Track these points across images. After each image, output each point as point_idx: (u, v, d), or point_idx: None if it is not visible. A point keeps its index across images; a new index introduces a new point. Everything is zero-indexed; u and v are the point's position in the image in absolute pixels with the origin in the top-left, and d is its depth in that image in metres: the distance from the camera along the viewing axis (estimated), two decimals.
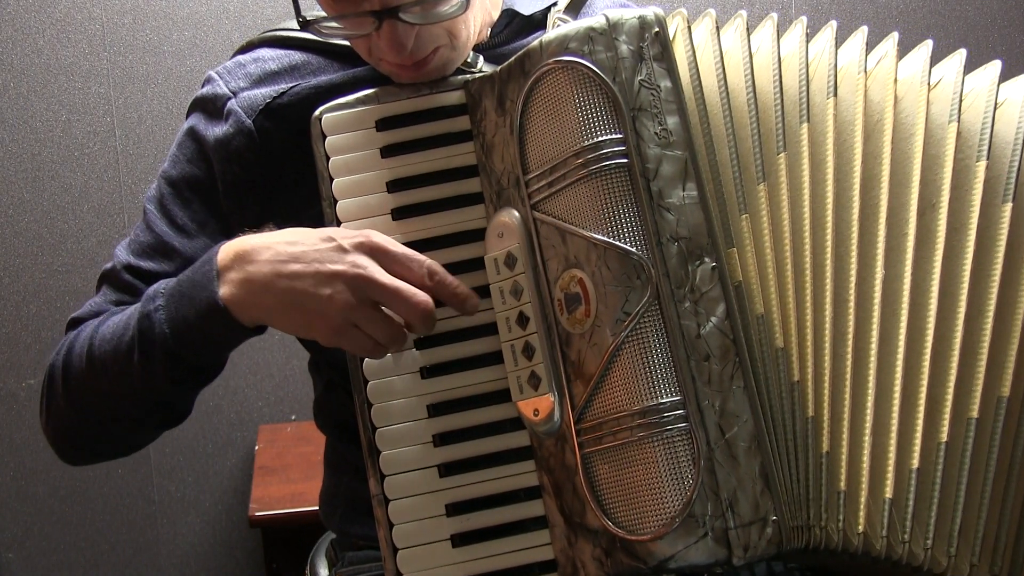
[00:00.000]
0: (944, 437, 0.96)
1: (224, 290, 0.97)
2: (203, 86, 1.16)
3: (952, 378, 0.96)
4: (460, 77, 1.06)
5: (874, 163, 0.98)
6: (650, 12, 0.97)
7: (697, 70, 0.98)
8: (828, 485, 0.95)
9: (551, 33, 0.97)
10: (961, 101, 0.99)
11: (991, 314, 0.97)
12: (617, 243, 0.92)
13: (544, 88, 0.97)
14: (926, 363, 0.96)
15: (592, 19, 0.96)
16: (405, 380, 1.01)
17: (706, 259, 0.94)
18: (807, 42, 1.02)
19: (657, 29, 0.96)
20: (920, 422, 0.96)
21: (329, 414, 1.28)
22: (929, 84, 0.99)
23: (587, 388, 0.93)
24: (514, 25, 1.17)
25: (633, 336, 0.92)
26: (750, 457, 0.92)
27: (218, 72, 1.15)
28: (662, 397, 0.91)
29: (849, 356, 0.96)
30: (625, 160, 0.93)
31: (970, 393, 0.97)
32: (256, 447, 2.26)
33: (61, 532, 2.34)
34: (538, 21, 1.17)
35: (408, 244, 1.02)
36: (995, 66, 1.01)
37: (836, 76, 1.00)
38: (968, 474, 0.96)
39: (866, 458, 0.95)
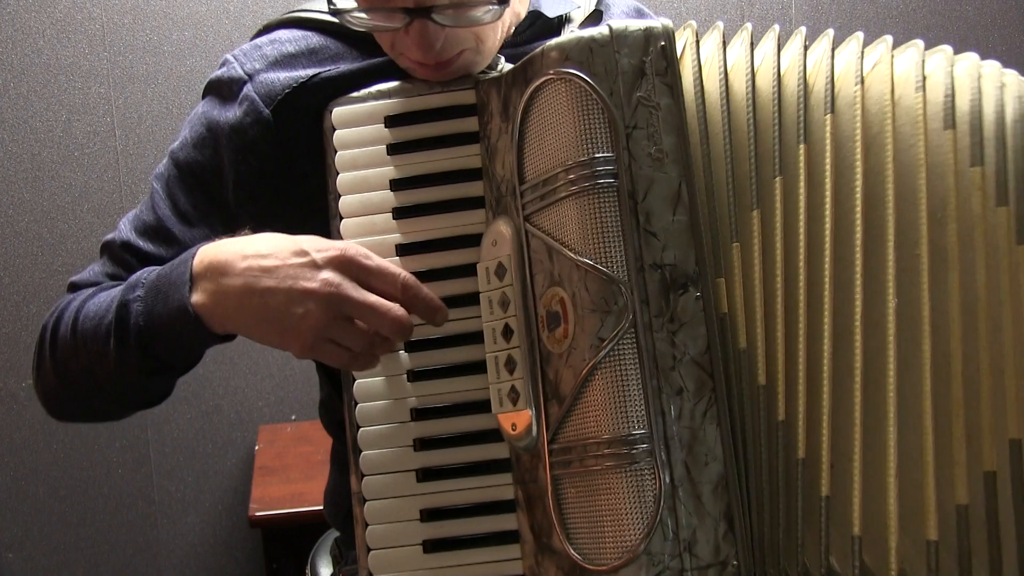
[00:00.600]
0: (992, 466, 0.90)
1: (196, 298, 0.97)
2: (219, 68, 1.15)
3: (987, 400, 0.91)
4: (473, 76, 1.05)
5: (876, 180, 0.94)
6: (658, 24, 0.94)
7: (702, 87, 0.95)
8: (835, 529, 0.91)
9: (553, 41, 0.95)
10: (954, 102, 0.95)
11: (1011, 327, 0.92)
12: (598, 266, 0.90)
13: (542, 98, 0.95)
14: (959, 389, 0.91)
15: (595, 29, 0.94)
16: (391, 382, 1.01)
17: (690, 288, 0.91)
18: (806, 53, 0.98)
19: (663, 43, 0.93)
20: (963, 453, 0.90)
21: (333, 414, 1.28)
22: (925, 89, 0.96)
23: (561, 409, 0.92)
24: (537, 26, 1.16)
25: (606, 363, 0.89)
26: (716, 498, 0.89)
27: (234, 55, 1.14)
28: (632, 429, 0.88)
29: (858, 392, 0.91)
30: (614, 180, 0.91)
31: (1004, 414, 0.91)
32: (256, 447, 2.26)
33: (61, 532, 2.34)
34: (557, 26, 1.16)
35: (406, 245, 1.02)
36: (945, 52, 0.97)
37: (833, 90, 0.95)
38: (1021, 501, 0.90)
39: (892, 499, 0.90)
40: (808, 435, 0.92)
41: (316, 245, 0.96)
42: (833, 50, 0.97)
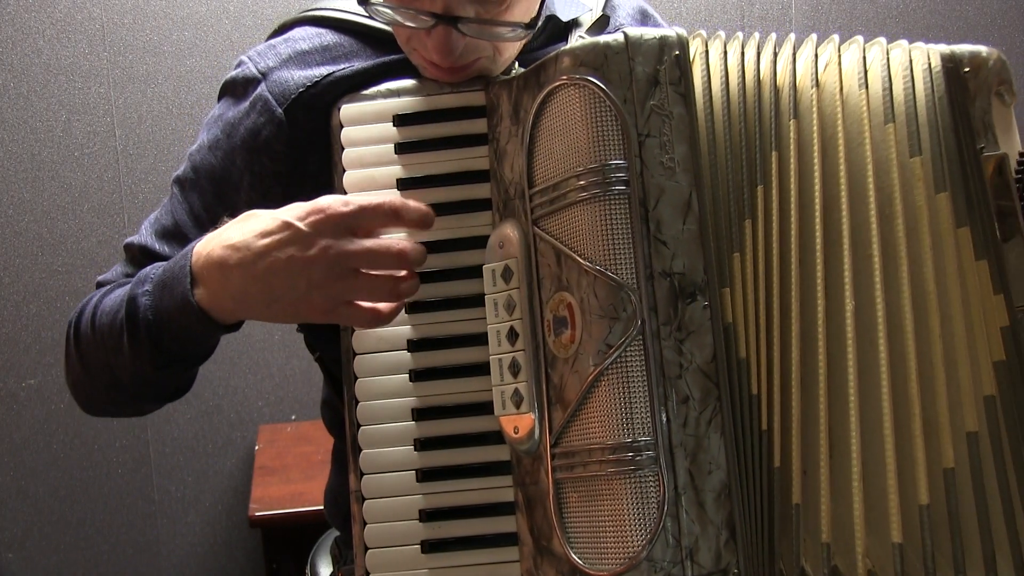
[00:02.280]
0: (951, 462, 0.92)
1: (200, 293, 0.98)
2: (234, 69, 1.16)
3: (942, 395, 0.93)
4: (483, 77, 1.05)
5: (831, 182, 0.95)
6: (672, 33, 0.94)
7: (711, 97, 0.96)
8: (809, 536, 0.92)
9: (567, 47, 0.95)
10: (893, 98, 0.96)
11: (960, 315, 0.94)
12: (607, 272, 0.90)
13: (555, 103, 0.95)
14: (915, 387, 0.92)
15: (610, 36, 0.93)
16: (394, 381, 1.01)
17: (699, 297, 0.91)
18: (775, 59, 0.98)
19: (677, 52, 0.93)
20: (922, 452, 0.92)
21: (336, 413, 1.28)
22: (867, 85, 0.97)
23: (565, 414, 0.92)
24: (550, 29, 1.15)
25: (613, 369, 0.89)
26: (718, 506, 0.89)
27: (248, 55, 1.15)
28: (637, 435, 0.88)
29: (822, 397, 0.93)
30: (626, 187, 0.91)
31: (960, 407, 0.93)
32: (256, 447, 2.26)
33: (61, 532, 2.34)
34: (564, 29, 1.16)
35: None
36: (857, 43, 0.98)
37: (796, 95, 0.96)
38: (983, 496, 0.92)
39: (858, 504, 0.91)
40: (782, 443, 0.93)
41: (297, 213, 0.95)
42: (795, 53, 0.98)
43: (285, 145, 1.10)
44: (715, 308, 0.91)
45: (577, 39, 1.11)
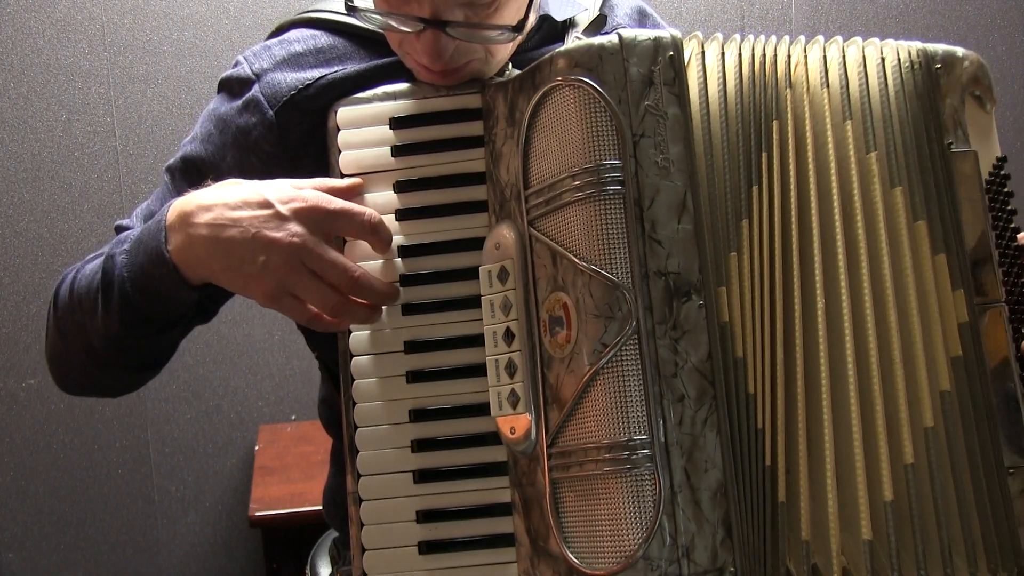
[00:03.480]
0: (911, 458, 0.94)
1: (172, 246, 1.00)
2: (231, 68, 1.17)
3: (901, 391, 0.94)
4: (479, 80, 1.06)
5: (803, 182, 0.97)
6: (667, 34, 0.95)
7: (707, 97, 0.96)
8: (790, 537, 0.93)
9: (562, 48, 0.95)
10: (849, 94, 0.98)
11: (916, 311, 0.95)
12: (602, 272, 0.91)
13: (550, 104, 0.95)
14: (877, 383, 0.94)
15: (605, 37, 0.94)
16: (391, 383, 1.01)
17: (693, 296, 0.91)
18: (764, 61, 0.99)
19: (671, 53, 0.94)
20: (886, 448, 0.93)
21: (333, 413, 1.28)
22: (828, 84, 0.98)
23: (561, 414, 0.92)
24: (544, 30, 1.16)
25: (609, 368, 0.90)
26: (714, 505, 0.90)
27: (245, 55, 1.16)
28: (633, 434, 0.89)
29: (800, 396, 0.94)
30: (621, 187, 0.91)
31: (919, 402, 0.95)
32: (256, 447, 2.26)
33: (61, 532, 2.34)
34: (562, 30, 1.17)
35: (409, 246, 1.02)
36: (838, 42, 1.00)
37: (777, 95, 0.98)
38: (940, 491, 0.94)
39: (832, 502, 0.92)
40: (771, 442, 0.94)
41: (281, 195, 0.97)
42: (789, 53, 1.00)
43: (274, 146, 1.10)
44: (711, 307, 0.92)
45: (573, 40, 1.12)
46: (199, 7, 2.26)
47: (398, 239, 1.02)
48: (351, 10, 1.02)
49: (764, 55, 0.99)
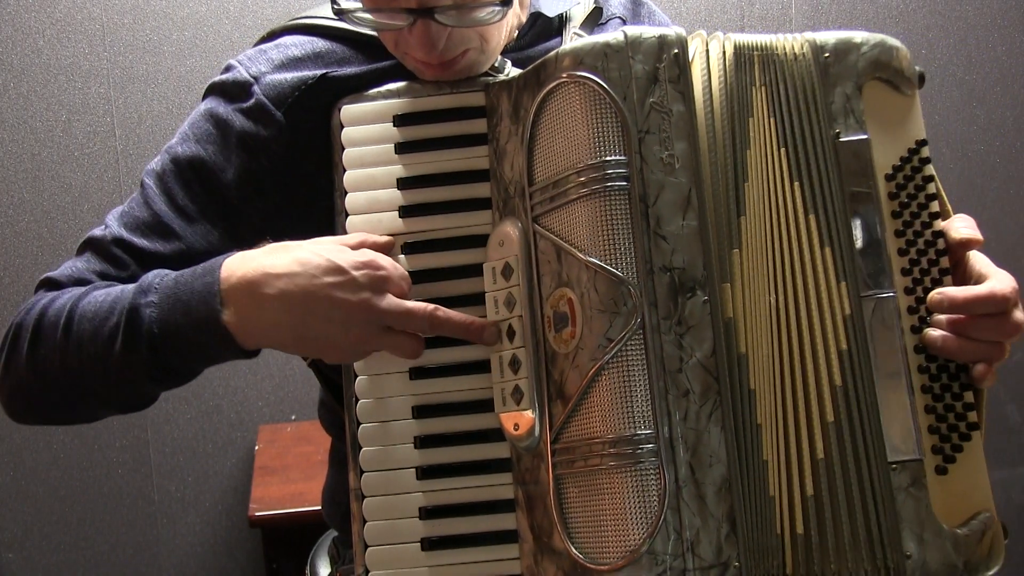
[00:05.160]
0: (821, 453, 0.95)
1: (229, 315, 0.97)
2: (222, 73, 1.14)
3: (812, 386, 0.95)
4: (483, 79, 1.06)
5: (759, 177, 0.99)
6: (672, 32, 0.95)
7: (711, 95, 0.97)
8: (781, 529, 0.94)
9: (568, 45, 0.96)
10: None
11: (805, 305, 0.96)
12: (608, 267, 0.91)
13: (555, 101, 0.96)
14: (788, 380, 0.95)
15: (610, 35, 0.95)
16: (394, 379, 1.01)
17: (698, 292, 0.92)
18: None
19: (676, 51, 0.95)
20: (806, 444, 0.94)
21: (334, 414, 1.28)
22: (765, 83, 1.00)
23: (566, 409, 0.92)
24: (538, 27, 1.16)
25: (614, 363, 0.90)
26: (719, 499, 0.90)
27: (238, 60, 1.13)
28: (637, 429, 0.89)
29: (795, 396, 0.95)
30: (626, 183, 0.92)
31: (822, 396, 0.95)
32: (256, 447, 2.26)
33: (61, 532, 2.34)
34: (558, 26, 1.17)
35: (412, 244, 1.02)
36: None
37: (752, 92, 0.99)
38: (849, 485, 0.94)
39: (798, 496, 0.94)
40: (770, 438, 0.94)
41: (348, 259, 0.96)
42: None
43: (283, 146, 1.09)
44: (715, 303, 0.92)
45: (572, 35, 1.12)
46: (199, 7, 2.26)
47: (402, 237, 1.03)
48: (339, 13, 1.02)
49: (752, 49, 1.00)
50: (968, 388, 0.99)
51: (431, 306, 0.98)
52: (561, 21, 1.18)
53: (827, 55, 1.01)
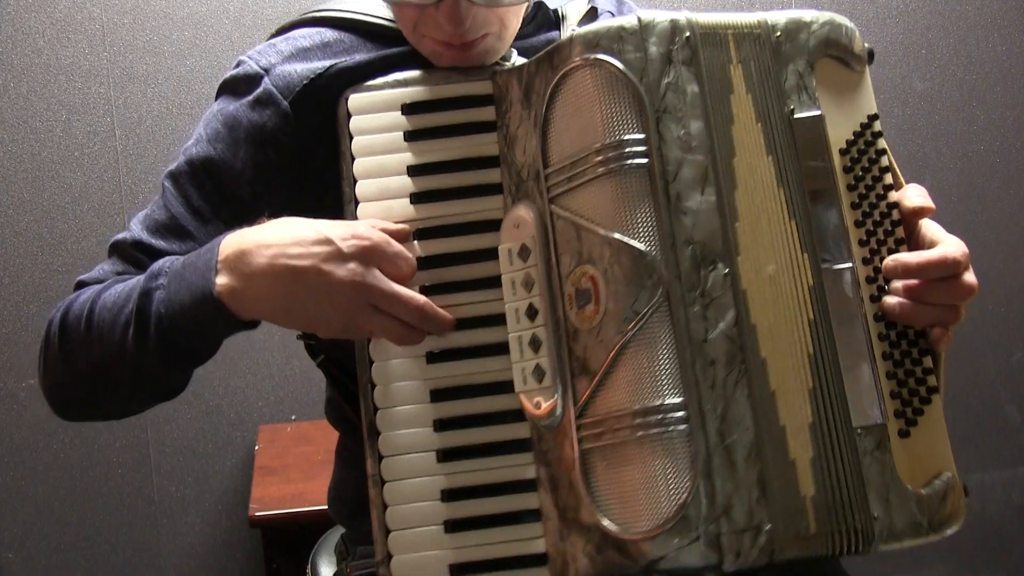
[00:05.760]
0: (809, 417, 0.96)
1: (221, 285, 0.98)
2: (233, 69, 1.15)
3: (789, 356, 0.97)
4: (489, 67, 1.07)
5: (741, 152, 1.01)
6: (683, 16, 0.97)
7: (717, 77, 0.99)
8: (801, 492, 0.95)
9: (582, 29, 0.97)
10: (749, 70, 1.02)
11: (780, 277, 0.98)
12: (632, 242, 0.93)
13: (571, 84, 0.97)
14: (771, 349, 0.96)
15: (624, 18, 0.96)
16: (410, 363, 1.02)
17: (719, 264, 0.94)
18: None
19: (687, 34, 0.97)
20: (805, 409, 0.96)
21: (340, 410, 1.28)
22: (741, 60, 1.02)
23: (591, 384, 0.93)
24: (539, 18, 1.18)
25: (640, 335, 0.92)
26: (749, 465, 0.91)
27: (248, 55, 1.15)
28: (665, 398, 0.91)
29: (788, 359, 0.97)
30: (645, 160, 0.93)
31: (801, 365, 0.97)
32: (256, 447, 2.26)
33: (61, 532, 2.34)
34: (556, 20, 1.19)
35: (424, 229, 1.03)
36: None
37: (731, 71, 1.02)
38: (842, 449, 0.97)
39: (808, 460, 0.95)
40: (784, 404, 0.95)
41: (340, 232, 0.97)
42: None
43: (291, 138, 1.10)
44: (735, 275, 0.94)
45: (571, 31, 1.14)
46: (199, 7, 2.26)
47: (414, 223, 1.03)
48: None
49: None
50: (926, 353, 1.02)
51: (423, 298, 0.98)
52: (558, 17, 1.20)
53: (778, 34, 1.03)
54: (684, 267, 0.93)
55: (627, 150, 0.94)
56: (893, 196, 1.03)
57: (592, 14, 1.20)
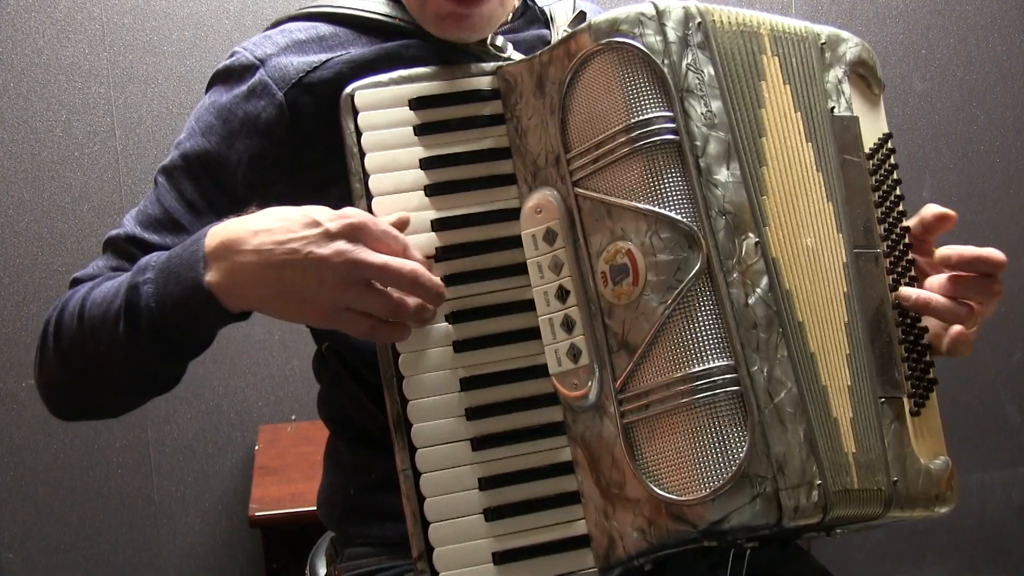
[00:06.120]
0: (848, 380, 1.01)
1: (210, 276, 0.97)
2: (227, 59, 1.15)
3: (829, 323, 1.02)
4: (491, 64, 1.08)
5: (776, 134, 1.05)
6: (692, 4, 1.00)
7: (730, 57, 1.02)
8: (844, 449, 0.98)
9: (600, 16, 0.99)
10: (787, 62, 1.08)
11: (821, 253, 1.03)
12: (669, 214, 0.94)
13: (592, 68, 0.99)
14: (814, 316, 1.01)
15: (640, 5, 0.99)
16: (437, 353, 1.02)
17: (751, 234, 0.96)
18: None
19: (699, 20, 1.00)
20: (844, 371, 1.01)
21: (334, 408, 1.28)
22: (777, 52, 1.08)
23: (632, 358, 0.95)
24: (528, 15, 1.19)
25: (684, 304, 0.94)
26: (795, 422, 0.94)
27: (243, 45, 1.15)
28: (712, 362, 0.92)
29: (827, 323, 1.02)
30: (675, 136, 0.96)
31: (838, 332, 1.03)
32: (256, 447, 2.26)
33: (61, 532, 2.34)
34: (544, 21, 1.20)
35: (442, 220, 1.04)
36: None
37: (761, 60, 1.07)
38: (872, 410, 1.03)
39: (848, 419, 1.00)
40: (824, 365, 1.00)
41: (326, 214, 0.96)
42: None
43: (286, 130, 1.10)
44: (765, 243, 0.97)
45: (561, 31, 1.15)
46: (199, 7, 2.26)
47: (430, 214, 1.04)
48: None
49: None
50: (928, 349, 1.09)
51: (413, 263, 0.97)
52: (546, 16, 1.21)
53: (823, 41, 1.11)
54: (720, 236, 0.95)
55: (656, 127, 0.96)
56: (901, 208, 1.11)
57: (581, 18, 1.20)
